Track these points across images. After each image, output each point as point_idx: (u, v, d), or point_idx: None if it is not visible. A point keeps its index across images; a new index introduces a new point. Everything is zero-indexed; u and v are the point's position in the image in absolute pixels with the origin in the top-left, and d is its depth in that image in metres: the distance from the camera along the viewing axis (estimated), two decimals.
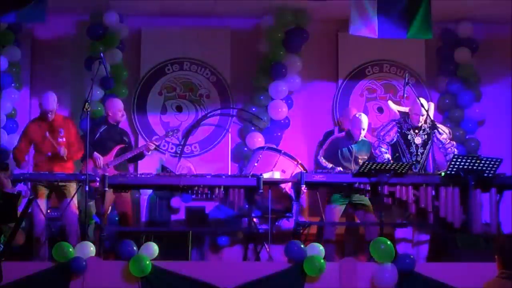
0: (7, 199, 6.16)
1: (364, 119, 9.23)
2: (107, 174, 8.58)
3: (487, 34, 11.16)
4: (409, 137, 9.30)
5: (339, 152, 9.19)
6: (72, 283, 7.65)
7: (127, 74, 10.71)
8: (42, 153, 8.99)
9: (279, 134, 10.68)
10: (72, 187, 8.81)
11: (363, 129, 9.20)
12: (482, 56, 11.13)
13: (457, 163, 8.57)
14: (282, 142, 10.64)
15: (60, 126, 9.01)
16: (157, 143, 9.80)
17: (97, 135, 9.39)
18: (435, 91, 11.18)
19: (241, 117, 10.90)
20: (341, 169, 8.99)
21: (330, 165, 9.07)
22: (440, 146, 9.34)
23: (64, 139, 8.98)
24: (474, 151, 10.69)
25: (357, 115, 9.33)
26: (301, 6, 10.51)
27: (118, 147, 9.50)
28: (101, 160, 9.29)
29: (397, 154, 9.28)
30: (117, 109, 9.67)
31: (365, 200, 9.00)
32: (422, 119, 9.20)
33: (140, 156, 9.70)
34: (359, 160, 9.11)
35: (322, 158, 9.20)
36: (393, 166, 8.54)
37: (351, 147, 9.23)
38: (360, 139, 9.24)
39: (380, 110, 11.08)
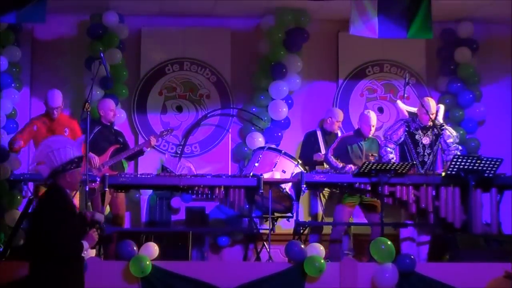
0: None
1: (373, 116, 9.34)
2: (107, 174, 8.58)
3: (488, 34, 11.16)
4: (416, 137, 9.28)
5: (350, 149, 9.22)
6: None
7: (127, 74, 10.70)
8: None
9: (279, 134, 10.67)
10: None
11: (373, 126, 9.29)
12: (483, 56, 11.13)
13: (458, 163, 8.58)
14: (283, 142, 10.63)
15: (65, 126, 9.02)
16: (156, 141, 9.79)
17: (92, 135, 9.35)
18: (435, 91, 11.18)
19: (242, 117, 10.89)
20: (352, 166, 8.99)
21: (341, 164, 9.08)
22: (445, 148, 9.32)
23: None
24: (474, 151, 10.69)
25: (365, 112, 9.47)
26: (301, 6, 10.50)
27: (113, 148, 9.51)
28: (96, 160, 9.27)
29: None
30: (109, 109, 9.66)
31: (376, 200, 9.00)
32: (432, 116, 9.16)
33: (140, 153, 9.73)
34: (370, 158, 9.14)
35: (331, 156, 9.20)
36: (393, 166, 8.55)
37: (361, 144, 9.26)
38: (370, 136, 9.27)
39: (381, 110, 11.07)
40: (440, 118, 9.43)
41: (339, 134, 10.00)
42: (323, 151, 9.80)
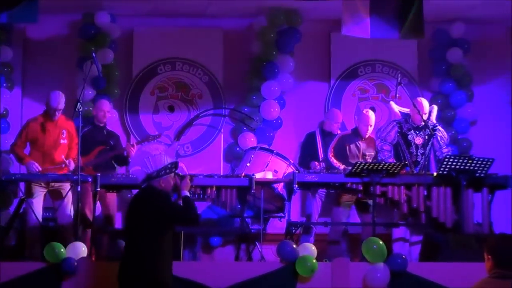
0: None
1: (372, 116, 9.35)
2: (98, 174, 8.56)
3: (480, 34, 11.17)
4: (409, 137, 9.29)
5: (347, 149, 9.23)
6: (64, 284, 7.63)
7: (119, 74, 10.70)
8: (38, 151, 8.95)
9: (271, 134, 10.67)
10: (68, 186, 8.77)
11: (371, 126, 9.32)
12: (475, 56, 11.14)
13: (449, 163, 8.59)
14: (274, 142, 10.64)
15: (62, 127, 9.00)
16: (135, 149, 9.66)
17: (80, 134, 9.29)
18: (428, 91, 11.19)
19: (233, 117, 10.89)
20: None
21: (342, 166, 9.06)
22: (437, 149, 9.33)
23: (66, 141, 8.99)
24: (466, 151, 10.70)
25: (364, 112, 9.49)
26: (294, 6, 10.50)
27: (98, 149, 9.44)
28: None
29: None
30: (99, 109, 9.62)
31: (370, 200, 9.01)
32: (425, 116, 9.17)
33: (126, 160, 9.59)
34: (367, 157, 9.15)
35: (333, 158, 9.21)
36: (385, 166, 8.55)
37: (358, 143, 9.28)
38: (367, 136, 9.28)
39: (373, 110, 11.04)
40: (433, 119, 9.45)
41: None
42: (320, 153, 9.76)
